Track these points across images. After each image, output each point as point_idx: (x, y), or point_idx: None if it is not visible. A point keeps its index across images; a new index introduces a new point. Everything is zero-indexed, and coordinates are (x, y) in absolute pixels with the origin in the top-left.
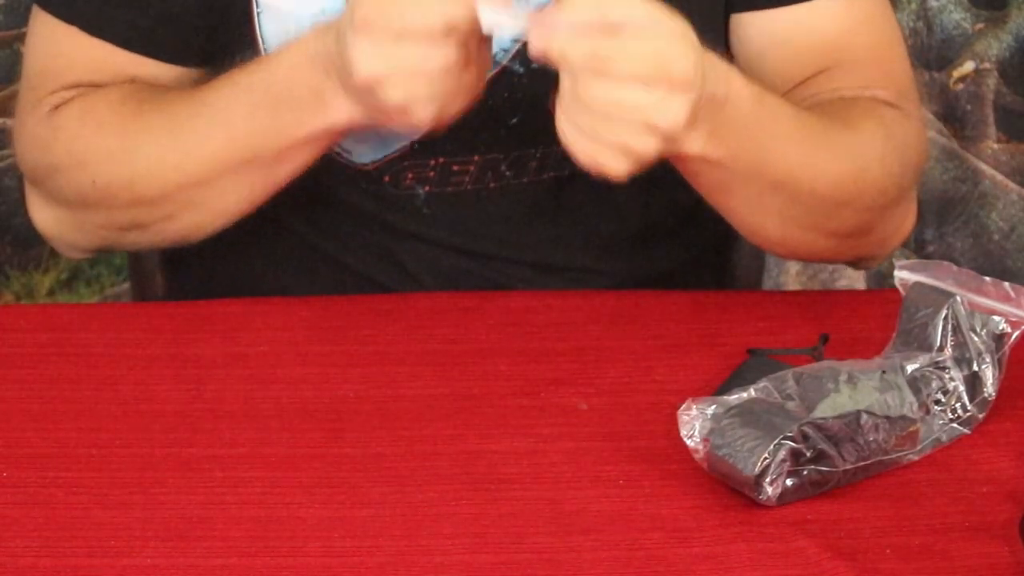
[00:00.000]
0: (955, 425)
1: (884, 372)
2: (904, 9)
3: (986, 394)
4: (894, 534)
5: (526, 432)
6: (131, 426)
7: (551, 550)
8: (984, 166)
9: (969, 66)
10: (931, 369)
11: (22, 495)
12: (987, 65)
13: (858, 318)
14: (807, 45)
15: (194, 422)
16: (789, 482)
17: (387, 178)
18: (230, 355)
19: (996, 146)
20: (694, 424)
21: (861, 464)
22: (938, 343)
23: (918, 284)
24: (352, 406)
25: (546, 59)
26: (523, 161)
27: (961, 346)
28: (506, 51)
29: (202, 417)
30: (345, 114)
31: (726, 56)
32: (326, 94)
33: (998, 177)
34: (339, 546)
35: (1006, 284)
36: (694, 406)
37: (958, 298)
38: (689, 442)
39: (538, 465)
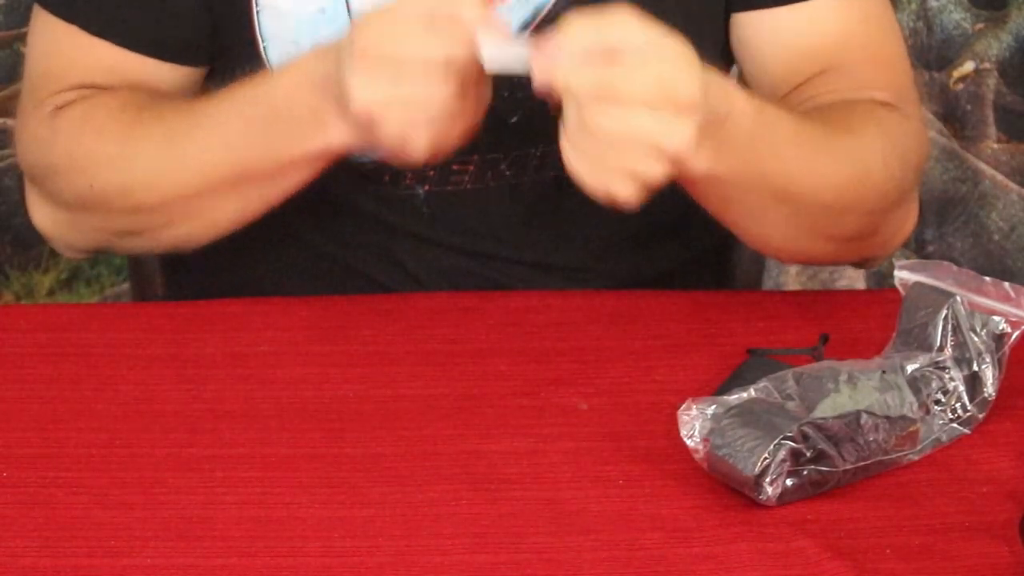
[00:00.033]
0: (955, 425)
1: (884, 372)
2: (904, 9)
3: (986, 394)
4: (894, 534)
5: (526, 432)
6: (131, 426)
7: (551, 550)
8: (984, 166)
9: (969, 66)
10: (931, 369)
11: (22, 495)
12: (987, 65)
13: (858, 318)
14: (807, 45)
15: (194, 422)
16: (789, 482)
17: (387, 177)
18: (230, 355)
19: (996, 146)
20: (694, 424)
21: (861, 464)
22: (938, 343)
23: (918, 284)
24: (352, 406)
25: (550, 90)
26: (523, 161)
27: (961, 346)
28: None
29: (202, 417)
30: (343, 137)
31: (726, 56)
32: (325, 116)
33: (998, 177)
34: (339, 546)
35: (1006, 284)
36: (694, 406)
37: (958, 298)
38: (689, 442)
39: (538, 465)
